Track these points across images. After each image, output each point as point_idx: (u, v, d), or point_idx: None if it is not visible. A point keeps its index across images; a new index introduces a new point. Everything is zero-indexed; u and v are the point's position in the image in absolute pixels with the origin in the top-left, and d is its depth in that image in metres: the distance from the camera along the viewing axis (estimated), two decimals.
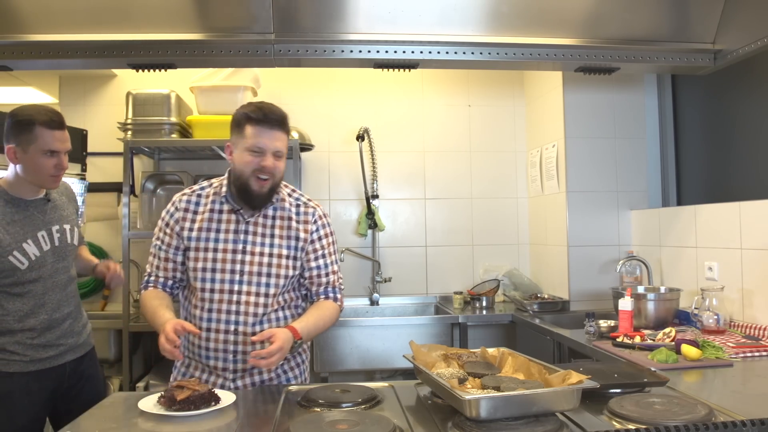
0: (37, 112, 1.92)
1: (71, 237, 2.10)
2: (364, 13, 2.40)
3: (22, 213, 1.97)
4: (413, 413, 1.45)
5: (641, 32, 2.55)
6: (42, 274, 1.98)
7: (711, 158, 3.07)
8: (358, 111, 3.78)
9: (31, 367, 1.97)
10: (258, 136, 1.74)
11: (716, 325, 2.31)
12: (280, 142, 1.78)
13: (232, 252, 1.81)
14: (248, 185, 1.77)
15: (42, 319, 1.98)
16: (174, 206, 1.88)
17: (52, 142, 1.92)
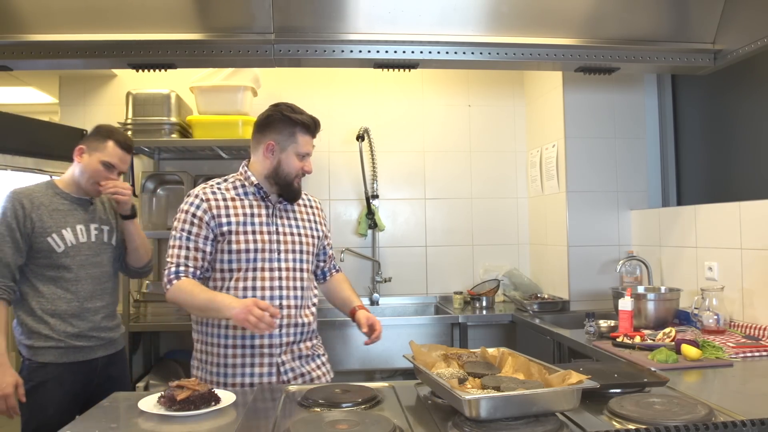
0: (117, 131, 2.24)
1: (109, 237, 2.26)
2: (364, 13, 2.40)
3: (66, 206, 2.17)
4: (413, 413, 1.45)
5: (641, 32, 2.55)
6: (75, 262, 2.13)
7: (711, 158, 3.07)
8: (358, 111, 3.78)
9: (64, 358, 2.09)
10: (308, 144, 1.97)
11: (716, 325, 2.31)
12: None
13: (267, 233, 1.95)
14: (293, 184, 1.97)
15: (73, 306, 2.11)
16: (199, 199, 1.94)
17: (116, 157, 2.18)
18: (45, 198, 2.13)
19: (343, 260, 3.65)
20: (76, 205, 2.19)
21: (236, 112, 3.32)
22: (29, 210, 2.07)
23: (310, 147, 1.98)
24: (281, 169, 1.95)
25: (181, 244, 1.91)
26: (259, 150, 1.97)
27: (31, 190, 2.13)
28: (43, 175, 2.89)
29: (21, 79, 4.35)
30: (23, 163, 2.78)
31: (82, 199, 2.21)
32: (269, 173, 1.96)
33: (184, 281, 1.87)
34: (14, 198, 2.08)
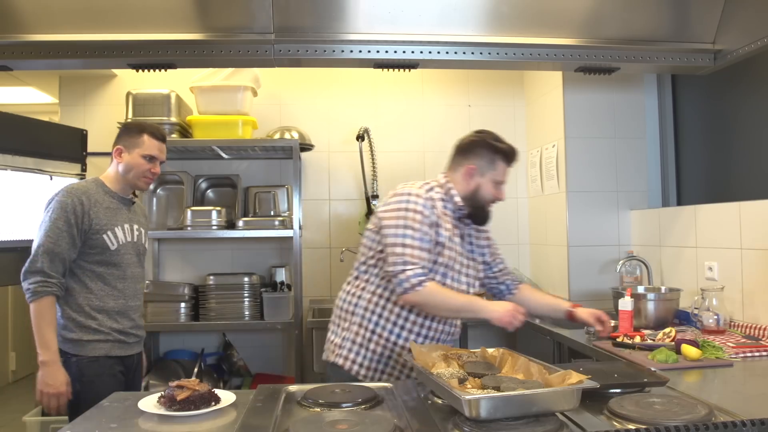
0: (147, 124, 2.28)
1: (144, 240, 2.35)
2: (364, 13, 2.40)
3: (115, 204, 2.22)
4: (413, 413, 1.45)
5: (641, 32, 2.55)
6: (122, 260, 2.19)
7: (711, 158, 3.07)
8: (358, 111, 3.78)
9: (113, 352, 2.15)
10: (506, 173, 2.05)
11: (716, 325, 2.31)
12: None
13: (459, 254, 2.03)
14: (485, 208, 2.06)
15: (119, 303, 2.17)
16: (429, 202, 1.96)
17: (155, 149, 2.23)
18: (98, 196, 2.17)
19: (343, 260, 3.65)
20: (122, 205, 2.25)
21: (236, 112, 3.32)
22: (87, 207, 2.10)
23: (506, 176, 2.05)
24: (479, 193, 2.02)
25: (421, 245, 1.89)
26: (459, 172, 2.04)
27: (85, 187, 2.17)
28: (43, 175, 2.89)
29: (21, 79, 4.35)
30: (23, 163, 2.78)
31: (125, 199, 2.27)
32: (466, 195, 2.03)
33: (433, 284, 1.88)
34: (73, 194, 2.11)
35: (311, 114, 3.77)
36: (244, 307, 3.29)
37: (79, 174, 3.34)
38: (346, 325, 2.02)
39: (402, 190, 1.98)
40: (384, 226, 1.94)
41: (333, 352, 2.03)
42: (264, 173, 3.71)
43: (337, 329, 2.07)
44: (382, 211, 1.98)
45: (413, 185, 2.00)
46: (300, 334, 3.26)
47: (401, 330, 1.96)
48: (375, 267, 2.01)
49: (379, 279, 1.98)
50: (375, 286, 1.99)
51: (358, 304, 2.01)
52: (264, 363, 3.65)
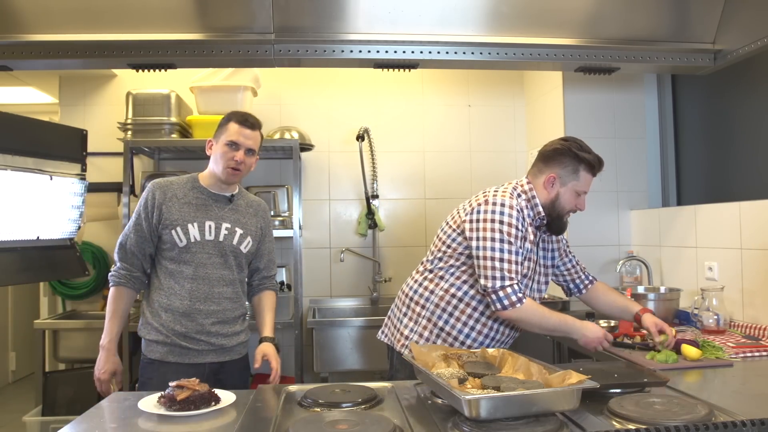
0: (236, 113, 2.13)
1: (239, 241, 2.14)
2: (364, 13, 2.40)
3: (201, 200, 2.12)
4: (413, 413, 1.45)
5: (641, 32, 2.55)
6: (195, 259, 2.07)
7: (711, 158, 3.07)
8: (358, 111, 3.78)
9: (170, 357, 2.05)
10: (589, 183, 2.01)
11: (716, 325, 2.31)
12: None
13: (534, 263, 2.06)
14: (563, 218, 2.05)
15: (184, 304, 2.05)
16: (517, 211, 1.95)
17: (236, 134, 2.07)
18: (181, 190, 2.11)
19: (343, 260, 3.65)
20: (212, 201, 2.13)
21: None
22: (160, 201, 2.06)
23: (589, 186, 2.01)
24: (558, 202, 2.00)
25: (517, 260, 1.91)
26: (540, 179, 2.02)
27: (169, 182, 2.13)
28: (43, 175, 2.89)
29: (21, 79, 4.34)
30: (23, 163, 2.77)
31: (219, 196, 2.15)
32: (546, 204, 2.01)
33: (530, 302, 1.90)
34: (150, 188, 2.10)
35: (311, 114, 3.77)
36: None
37: (79, 174, 3.34)
38: (415, 317, 2.05)
39: (495, 198, 1.94)
40: (476, 237, 1.92)
41: (400, 342, 2.07)
42: (264, 173, 3.71)
43: (404, 319, 2.09)
44: (474, 219, 1.94)
45: (505, 193, 1.97)
46: (300, 334, 3.26)
47: (471, 330, 2.00)
48: (453, 267, 2.02)
49: (454, 278, 2.01)
50: (449, 284, 2.01)
51: (430, 299, 2.03)
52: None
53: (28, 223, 2.79)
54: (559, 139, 2.04)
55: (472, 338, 2.00)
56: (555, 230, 2.06)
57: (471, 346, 1.98)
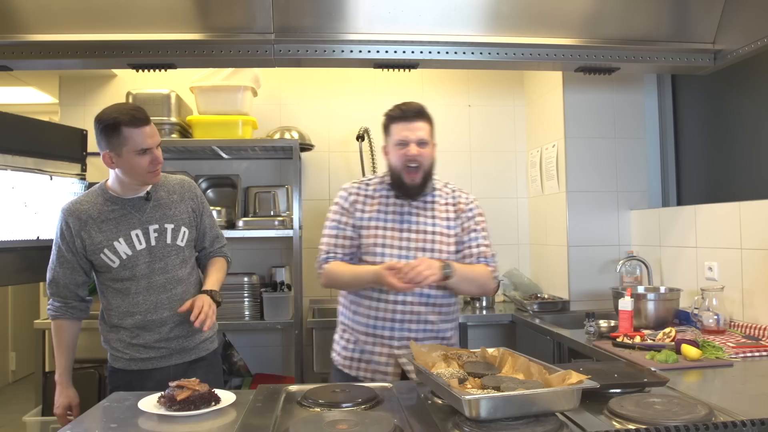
0: (120, 113, 1.92)
1: (173, 238, 2.04)
2: (364, 13, 2.40)
3: (118, 211, 1.99)
4: (413, 413, 1.45)
5: (641, 32, 2.55)
6: (135, 273, 1.98)
7: (711, 158, 3.07)
8: (357, 111, 3.78)
9: (132, 366, 2.02)
10: (404, 131, 2.01)
11: (716, 325, 2.31)
12: (422, 131, 2.02)
13: (399, 231, 2.05)
14: (401, 178, 2.04)
15: (136, 320, 1.99)
16: (347, 192, 2.13)
17: (142, 140, 1.91)
18: (94, 209, 1.98)
19: None
20: (129, 208, 2.01)
21: (236, 112, 3.32)
22: (77, 229, 1.95)
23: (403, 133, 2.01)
24: (392, 164, 2.08)
25: (331, 233, 2.09)
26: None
27: (79, 204, 1.99)
28: (43, 175, 2.89)
29: (21, 79, 4.35)
30: (23, 163, 2.77)
31: (135, 199, 2.02)
32: (391, 171, 2.10)
33: (335, 264, 2.04)
34: (62, 217, 1.98)
35: (311, 114, 3.77)
36: (244, 307, 3.29)
37: (79, 174, 3.34)
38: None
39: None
40: None
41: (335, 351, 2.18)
42: (264, 173, 3.71)
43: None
44: None
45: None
46: (300, 334, 3.25)
47: (355, 314, 2.08)
48: None
49: None
50: None
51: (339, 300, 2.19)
52: (264, 363, 3.65)
53: (28, 223, 2.79)
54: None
55: (358, 322, 2.05)
56: (403, 191, 2.07)
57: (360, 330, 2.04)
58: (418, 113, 2.01)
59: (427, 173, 2.05)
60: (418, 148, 2.00)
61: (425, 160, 2.02)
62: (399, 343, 2.00)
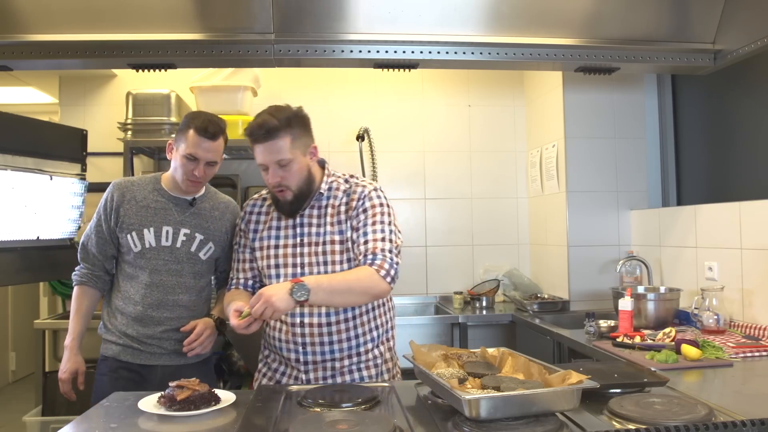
0: (197, 118, 1.97)
1: (198, 248, 2.05)
2: (364, 13, 2.40)
3: (160, 204, 2.04)
4: (413, 413, 1.45)
5: (641, 32, 2.55)
6: (150, 265, 2.01)
7: (711, 158, 3.07)
8: (357, 111, 3.78)
9: (122, 356, 2.02)
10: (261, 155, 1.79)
11: (716, 325, 2.31)
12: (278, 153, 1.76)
13: (292, 246, 1.87)
14: (275, 197, 1.86)
15: (137, 309, 2.01)
16: (244, 211, 1.99)
17: (194, 146, 1.94)
18: (141, 192, 2.04)
19: None
20: (173, 205, 2.05)
21: (236, 112, 3.32)
22: (118, 203, 2.01)
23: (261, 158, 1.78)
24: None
25: (234, 256, 2.00)
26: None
27: (131, 182, 2.07)
28: (43, 175, 2.89)
29: (21, 79, 4.35)
30: (23, 163, 2.77)
31: (180, 199, 2.06)
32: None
33: (228, 293, 1.95)
34: (110, 189, 2.05)
35: (311, 114, 3.72)
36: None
37: (79, 174, 3.34)
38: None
39: None
40: None
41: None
42: None
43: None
44: None
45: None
46: None
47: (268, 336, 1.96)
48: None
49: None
50: None
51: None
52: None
53: (28, 223, 2.79)
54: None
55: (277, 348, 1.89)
56: (281, 210, 1.87)
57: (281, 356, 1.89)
58: (269, 132, 1.74)
59: (300, 189, 1.82)
60: (278, 171, 1.77)
61: (291, 181, 1.79)
62: (305, 368, 1.84)
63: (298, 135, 1.80)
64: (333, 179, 1.92)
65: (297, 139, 1.79)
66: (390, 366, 1.96)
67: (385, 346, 1.95)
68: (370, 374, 1.89)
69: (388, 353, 1.96)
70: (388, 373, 1.94)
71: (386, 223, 1.83)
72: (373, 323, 1.90)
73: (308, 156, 1.84)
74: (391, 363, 1.97)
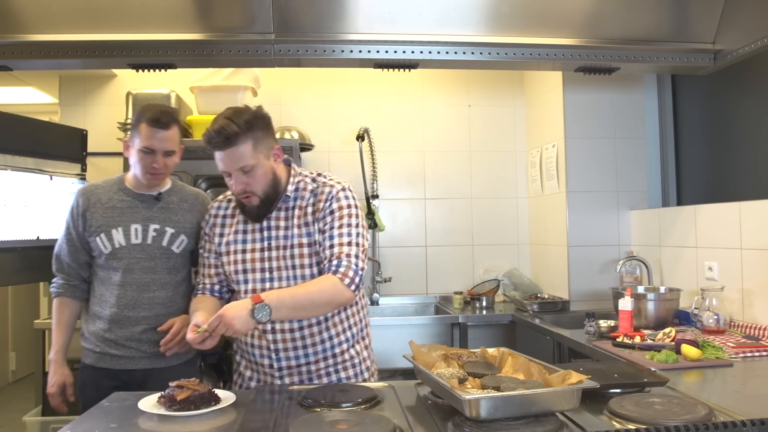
0: (148, 110, 1.95)
1: (170, 242, 2.03)
2: (364, 13, 2.40)
3: (127, 203, 2.04)
4: (413, 413, 1.45)
5: (641, 32, 2.55)
6: (122, 265, 1.99)
7: (711, 158, 3.07)
8: (357, 111, 3.78)
9: (101, 363, 2.00)
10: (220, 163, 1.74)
11: (716, 325, 2.31)
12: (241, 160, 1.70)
13: (260, 251, 1.82)
14: (241, 201, 1.80)
15: (112, 312, 1.99)
16: (209, 214, 1.94)
17: (149, 139, 1.93)
18: (105, 194, 2.04)
19: None
20: (138, 202, 2.04)
21: None
22: (84, 208, 2.01)
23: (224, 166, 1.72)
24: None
25: (201, 261, 1.96)
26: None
27: (95, 186, 2.07)
28: (43, 175, 2.89)
29: (21, 79, 4.35)
30: (23, 163, 2.77)
31: (146, 195, 2.05)
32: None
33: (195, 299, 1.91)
34: (75, 196, 2.05)
35: (311, 114, 3.77)
36: None
37: (79, 174, 3.34)
38: None
39: None
40: None
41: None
42: None
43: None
44: None
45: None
46: None
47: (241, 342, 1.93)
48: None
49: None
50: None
51: None
52: None
53: (28, 223, 2.79)
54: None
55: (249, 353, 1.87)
56: (247, 215, 1.82)
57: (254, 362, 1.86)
58: (228, 139, 1.67)
59: (266, 194, 1.77)
60: (242, 178, 1.72)
61: (256, 186, 1.74)
62: (280, 373, 1.82)
63: (260, 138, 1.74)
64: (300, 179, 1.87)
65: (259, 143, 1.73)
66: (368, 364, 1.94)
67: (361, 345, 1.92)
68: (348, 375, 1.87)
69: (365, 352, 1.94)
70: (367, 371, 1.92)
71: (353, 226, 1.78)
72: (347, 323, 1.87)
73: (272, 158, 1.78)
74: (369, 361, 1.95)
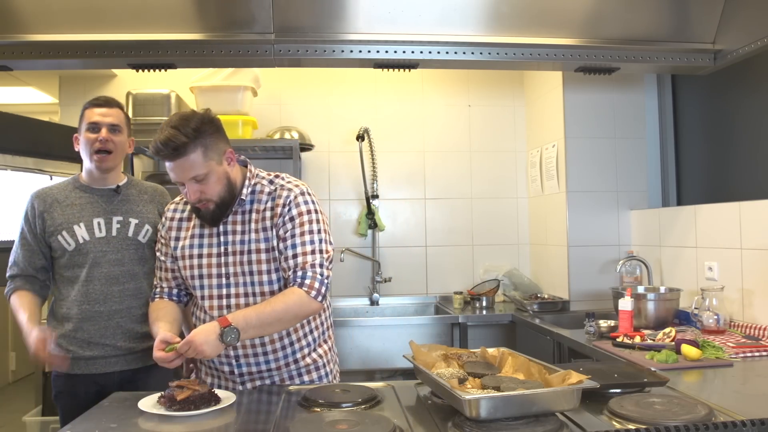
0: (90, 100, 2.03)
1: (135, 232, 2.01)
2: (364, 13, 2.40)
3: (85, 198, 2.02)
4: (413, 413, 1.45)
5: (641, 32, 2.55)
6: (89, 260, 1.96)
7: (711, 158, 3.07)
8: (357, 111, 3.78)
9: (76, 370, 1.94)
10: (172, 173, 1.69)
11: (716, 325, 2.31)
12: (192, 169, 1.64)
13: (216, 256, 1.76)
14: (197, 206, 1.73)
15: (81, 309, 1.94)
16: (164, 217, 1.89)
17: (90, 117, 1.98)
18: (62, 194, 2.02)
19: (343, 260, 3.65)
20: (98, 197, 2.03)
21: (236, 112, 3.32)
22: (41, 210, 1.98)
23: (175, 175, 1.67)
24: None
25: (157, 264, 1.91)
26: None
27: (48, 188, 2.05)
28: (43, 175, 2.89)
29: (21, 79, 4.35)
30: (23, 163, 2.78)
31: (104, 190, 2.05)
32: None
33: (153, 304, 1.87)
34: (30, 199, 2.02)
35: (311, 114, 3.77)
36: None
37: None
38: None
39: None
40: None
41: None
42: None
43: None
44: None
45: None
46: None
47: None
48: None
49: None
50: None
51: None
52: None
53: None
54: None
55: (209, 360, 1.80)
56: (202, 219, 1.76)
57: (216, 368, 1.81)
58: (176, 150, 1.60)
59: (222, 199, 1.71)
60: (195, 186, 1.66)
61: (211, 194, 1.68)
62: (241, 379, 1.78)
63: (210, 144, 1.65)
64: (256, 181, 1.80)
65: (209, 149, 1.65)
66: (331, 367, 1.91)
67: (323, 348, 1.88)
68: (311, 378, 1.84)
69: (328, 354, 1.90)
70: (330, 374, 1.89)
71: (315, 232, 1.72)
72: (307, 327, 1.82)
73: (225, 162, 1.71)
74: (332, 364, 1.92)
